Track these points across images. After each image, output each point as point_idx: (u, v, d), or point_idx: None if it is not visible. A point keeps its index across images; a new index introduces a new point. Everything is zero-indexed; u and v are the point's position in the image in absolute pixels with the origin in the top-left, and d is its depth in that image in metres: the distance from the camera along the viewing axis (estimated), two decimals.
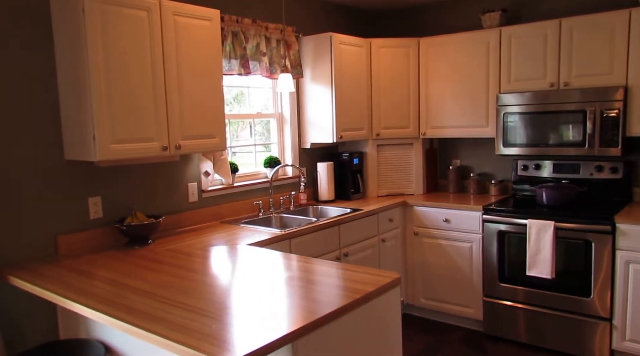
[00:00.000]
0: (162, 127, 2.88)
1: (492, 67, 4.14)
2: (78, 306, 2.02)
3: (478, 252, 4.03)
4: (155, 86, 2.83)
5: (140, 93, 2.76)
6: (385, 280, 2.16)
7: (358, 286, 2.09)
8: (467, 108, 4.32)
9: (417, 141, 4.62)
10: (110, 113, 2.62)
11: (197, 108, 3.07)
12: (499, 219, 3.88)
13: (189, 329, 1.72)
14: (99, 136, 2.58)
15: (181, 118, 2.98)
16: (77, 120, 2.68)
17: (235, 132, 4.07)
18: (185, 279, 2.28)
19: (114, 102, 2.64)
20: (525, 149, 4.01)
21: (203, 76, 3.09)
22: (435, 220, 4.23)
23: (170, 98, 2.91)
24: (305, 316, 1.80)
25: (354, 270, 2.33)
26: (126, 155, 2.71)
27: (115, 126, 2.65)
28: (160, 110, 2.86)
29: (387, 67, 4.49)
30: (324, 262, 2.49)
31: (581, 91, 3.71)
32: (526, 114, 3.96)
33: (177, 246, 2.92)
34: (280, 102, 4.34)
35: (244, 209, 3.91)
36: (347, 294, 2.00)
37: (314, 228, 3.45)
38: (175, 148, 2.95)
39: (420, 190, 4.66)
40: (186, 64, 2.99)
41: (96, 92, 2.56)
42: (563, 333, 3.66)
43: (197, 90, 3.06)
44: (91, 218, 2.96)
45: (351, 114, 4.34)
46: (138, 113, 2.75)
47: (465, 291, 4.15)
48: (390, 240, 4.24)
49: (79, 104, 2.64)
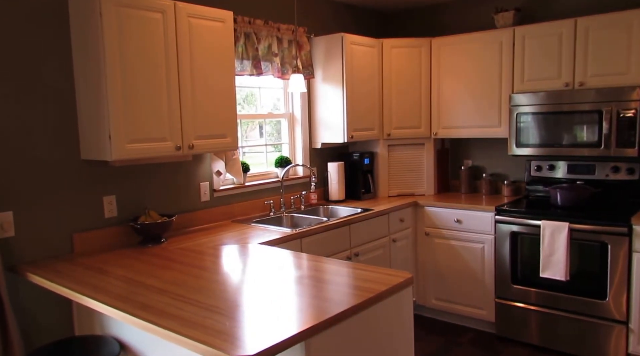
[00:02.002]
0: (176, 127, 2.95)
1: (505, 67, 4.18)
2: (95, 302, 2.09)
3: (490, 253, 4.07)
4: (169, 87, 2.91)
5: (154, 94, 2.83)
6: (398, 280, 2.21)
7: (370, 286, 2.15)
8: (479, 108, 4.35)
9: (428, 141, 4.67)
10: (125, 113, 2.70)
11: (210, 108, 3.14)
12: (512, 220, 3.91)
13: (203, 326, 1.78)
14: (115, 136, 2.66)
15: (194, 118, 3.05)
16: (93, 120, 2.76)
17: (244, 133, 4.13)
18: (198, 278, 2.34)
19: (129, 103, 2.72)
20: (538, 150, 4.04)
21: (216, 76, 3.16)
22: (446, 220, 4.28)
23: (184, 99, 2.99)
24: (317, 315, 1.85)
25: (366, 269, 2.38)
26: (141, 154, 2.78)
27: (130, 126, 2.73)
28: (174, 110, 2.93)
29: (399, 67, 4.53)
30: (336, 261, 2.55)
31: (597, 91, 3.73)
32: (540, 114, 3.99)
33: (189, 245, 2.99)
34: (292, 102, 4.41)
35: (255, 208, 3.97)
36: (359, 294, 2.06)
37: (325, 228, 3.51)
38: (188, 148, 3.02)
39: (431, 190, 4.71)
40: (199, 65, 3.06)
41: (112, 92, 2.64)
42: (577, 336, 3.69)
43: (210, 91, 3.14)
44: (106, 216, 3.04)
45: (362, 114, 4.39)
46: (152, 113, 2.83)
47: (476, 293, 4.18)
48: (401, 240, 4.29)
49: (96, 105, 2.72)
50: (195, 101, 3.05)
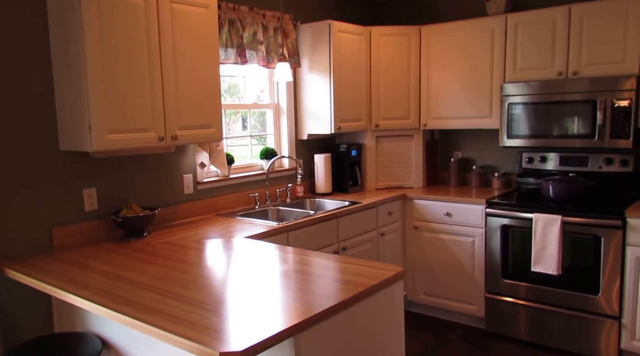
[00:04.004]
0: (159, 117, 2.95)
1: (497, 55, 4.22)
2: (76, 298, 2.09)
3: (480, 247, 4.12)
4: (152, 75, 2.90)
5: (136, 82, 2.83)
6: (389, 274, 2.24)
7: (361, 280, 2.17)
8: (470, 98, 4.39)
9: (417, 132, 4.70)
10: (106, 102, 2.69)
11: (194, 98, 3.14)
12: (503, 213, 3.96)
13: (189, 321, 1.80)
14: (95, 126, 2.65)
15: (177, 108, 3.05)
16: (72, 110, 2.74)
17: (227, 125, 4.14)
18: (183, 272, 2.35)
19: (110, 91, 2.71)
20: (530, 141, 4.08)
21: (200, 64, 3.16)
22: (436, 214, 4.32)
23: (167, 87, 2.98)
24: (306, 310, 1.88)
25: (355, 263, 2.41)
26: (122, 145, 2.78)
27: (111, 115, 2.72)
28: (156, 100, 2.93)
29: (388, 56, 4.56)
30: (325, 255, 2.58)
31: (591, 80, 3.78)
32: (532, 105, 4.03)
33: (173, 239, 3.00)
34: (277, 92, 4.41)
35: (240, 201, 3.98)
36: (349, 288, 2.08)
37: (312, 221, 3.53)
38: (171, 138, 3.02)
39: (420, 183, 4.75)
40: (182, 52, 3.06)
41: (92, 81, 2.62)
42: (568, 332, 3.75)
43: (194, 79, 3.13)
44: (86, 209, 3.04)
45: (350, 105, 4.42)
46: (134, 103, 2.82)
47: (466, 288, 4.24)
48: (390, 234, 4.33)
49: (75, 94, 2.70)
50: (178, 90, 3.05)
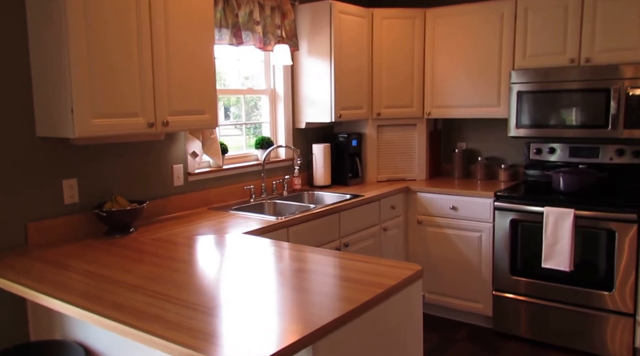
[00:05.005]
0: (148, 101, 2.70)
1: (506, 41, 4.03)
2: (57, 302, 1.86)
3: (488, 242, 3.94)
4: (142, 54, 2.65)
5: (124, 62, 2.57)
6: (407, 273, 2.04)
7: (379, 280, 1.96)
8: (476, 86, 4.20)
9: (420, 121, 4.50)
10: (90, 84, 2.44)
11: (187, 80, 2.90)
12: (512, 206, 3.79)
13: (190, 328, 1.58)
14: (79, 109, 2.40)
15: (169, 92, 2.81)
16: (52, 92, 2.48)
17: None
18: (177, 272, 2.13)
19: (95, 72, 2.45)
20: (539, 131, 3.92)
21: (193, 44, 2.91)
22: (440, 208, 4.13)
23: (158, 68, 2.73)
24: (324, 314, 1.66)
25: (372, 262, 2.20)
26: (108, 131, 2.53)
27: (96, 98, 2.47)
28: (146, 82, 2.68)
29: (390, 40, 4.35)
30: (336, 253, 2.36)
31: (605, 68, 3.62)
32: (542, 93, 3.86)
33: (163, 235, 2.76)
34: (273, 77, 4.18)
35: (234, 194, 3.75)
36: (368, 289, 1.87)
37: (313, 216, 3.32)
38: (162, 125, 2.77)
39: (422, 175, 4.55)
40: (175, 30, 2.81)
41: (75, 58, 2.37)
42: (580, 330, 3.60)
43: (187, 60, 2.89)
44: (66, 202, 2.78)
45: (351, 91, 4.20)
46: (122, 85, 2.57)
47: (473, 285, 4.06)
48: (392, 229, 4.13)
49: (56, 74, 2.44)
50: (170, 72, 2.80)
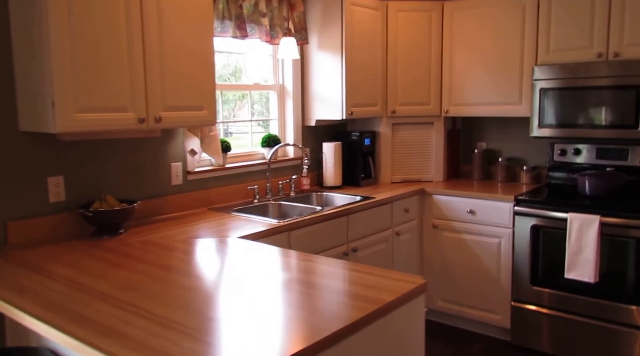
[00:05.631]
0: (139, 94, 2.52)
1: (529, 34, 3.76)
2: (16, 311, 1.68)
3: (507, 249, 3.69)
4: (132, 45, 2.46)
5: (112, 53, 2.39)
6: (408, 286, 1.81)
7: (375, 294, 1.74)
8: (497, 83, 3.94)
9: (438, 119, 4.26)
10: (74, 75, 2.26)
11: (183, 73, 2.71)
12: (534, 211, 3.53)
13: (154, 350, 1.38)
14: (60, 103, 2.22)
15: (163, 85, 2.62)
16: (34, 84, 2.32)
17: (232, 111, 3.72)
18: (158, 280, 1.94)
19: (78, 62, 2.27)
20: (563, 131, 3.65)
21: (190, 35, 2.72)
22: (457, 211, 3.88)
23: (150, 59, 2.55)
24: (308, 335, 1.45)
25: (369, 272, 1.98)
26: (93, 127, 2.35)
27: (80, 90, 2.29)
28: (137, 74, 2.50)
29: (406, 34, 4.11)
30: (333, 262, 2.15)
31: (635, 63, 3.34)
32: (567, 90, 3.59)
33: (153, 237, 2.58)
34: (282, 72, 3.98)
35: (237, 194, 3.56)
36: (361, 305, 1.65)
37: (318, 219, 3.11)
38: (154, 121, 2.59)
39: (440, 176, 4.31)
40: (169, 21, 2.62)
41: (57, 49, 2.19)
42: (605, 347, 3.32)
43: (183, 51, 2.70)
44: (51, 201, 2.62)
45: (364, 88, 3.98)
46: (109, 77, 2.39)
47: (490, 295, 3.80)
48: (406, 233, 3.90)
49: (36, 63, 2.28)
50: (164, 63, 2.62)
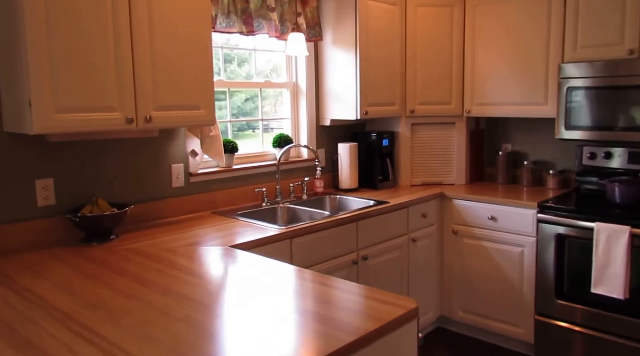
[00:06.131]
0: (128, 93, 2.36)
1: (555, 30, 3.47)
2: None
3: (531, 259, 3.42)
4: (119, 39, 2.30)
5: (97, 48, 2.24)
6: (396, 311, 1.60)
7: (355, 321, 1.53)
8: (521, 81, 3.66)
9: (460, 120, 4.00)
10: (53, 72, 2.11)
11: (177, 70, 2.53)
12: (559, 219, 3.25)
13: None
14: (38, 102, 2.08)
15: (154, 82, 2.45)
16: (14, 82, 2.18)
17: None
18: (130, 298, 1.77)
19: (58, 58, 2.12)
20: (593, 133, 3.35)
21: (185, 26, 2.54)
22: (478, 217, 3.63)
23: (139, 54, 2.38)
24: None
25: (353, 292, 1.77)
26: (76, 128, 2.21)
27: (60, 89, 2.14)
28: (124, 70, 2.34)
29: (426, 30, 3.86)
30: (315, 276, 1.94)
31: None
32: (596, 89, 3.29)
33: (142, 245, 2.43)
34: (295, 69, 3.79)
35: (245, 197, 3.39)
36: (335, 335, 1.45)
37: (324, 225, 2.91)
38: (144, 121, 2.43)
39: (462, 180, 4.05)
40: (161, 10, 2.44)
41: (32, 41, 2.04)
42: None
43: (177, 45, 2.52)
44: (39, 205, 2.49)
45: (380, 86, 3.75)
46: (94, 73, 2.24)
47: (513, 307, 3.54)
48: (423, 240, 3.66)
49: (12, 59, 2.14)
50: (155, 60, 2.45)
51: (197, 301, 1.71)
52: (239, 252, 2.30)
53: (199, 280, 1.93)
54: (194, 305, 1.68)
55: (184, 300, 1.73)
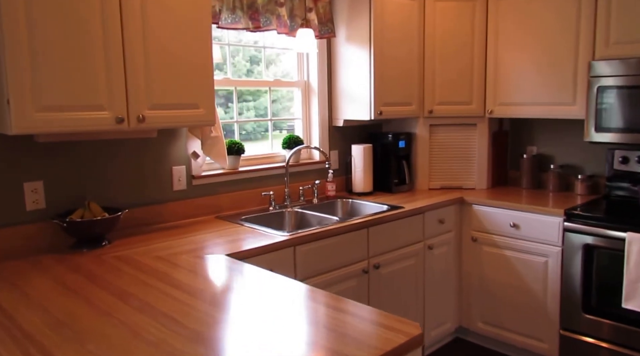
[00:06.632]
0: (118, 90, 2.19)
1: (585, 25, 3.21)
2: None
3: (555, 270, 3.17)
4: (108, 33, 2.14)
5: (83, 42, 2.08)
6: (397, 340, 1.40)
7: (347, 350, 1.34)
8: (548, 80, 3.41)
9: (481, 120, 3.76)
10: (34, 68, 1.96)
11: (174, 66, 2.36)
12: (586, 228, 2.99)
13: None
14: (16, 101, 1.93)
15: (147, 79, 2.28)
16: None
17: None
18: (103, 314, 1.59)
19: (40, 53, 1.97)
20: (625, 136, 3.08)
21: (182, 16, 2.37)
22: (499, 224, 3.39)
23: (131, 47, 2.21)
24: None
25: (350, 313, 1.56)
26: (60, 128, 2.05)
27: (43, 86, 1.99)
28: (114, 68, 2.17)
29: (446, 26, 3.63)
30: (312, 293, 1.74)
31: None
32: (629, 89, 3.02)
33: (133, 252, 2.26)
34: (307, 67, 3.60)
35: (252, 201, 3.21)
36: None
37: (332, 232, 2.71)
38: (137, 121, 2.26)
39: (483, 184, 3.81)
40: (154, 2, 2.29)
41: (10, 38, 1.89)
42: None
43: (173, 39, 2.35)
44: (28, 209, 2.34)
45: (396, 85, 3.53)
46: (80, 69, 2.08)
47: (536, 320, 3.29)
48: (440, 247, 3.44)
49: None
50: (148, 53, 2.28)
51: (178, 322, 1.53)
52: (235, 263, 2.12)
53: (185, 296, 1.75)
54: (173, 327, 1.50)
55: (163, 319, 1.55)
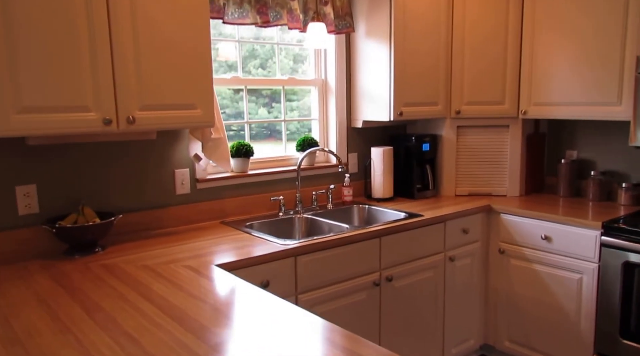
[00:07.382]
0: (105, 90, 2.11)
1: (633, 15, 2.96)
2: None
3: (590, 289, 2.94)
4: (94, 23, 2.05)
5: (67, 39, 2.00)
6: None
7: None
8: (589, 77, 3.17)
9: (514, 122, 3.55)
10: (12, 68, 1.90)
11: (168, 63, 2.27)
12: (627, 244, 2.75)
13: None
14: None
15: (139, 77, 2.20)
16: None
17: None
18: (63, 331, 1.51)
19: (20, 51, 1.90)
20: None
21: (177, 11, 2.27)
22: (530, 235, 3.18)
23: (120, 48, 2.13)
24: None
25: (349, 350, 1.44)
26: (43, 130, 1.98)
27: (23, 87, 1.92)
28: (101, 67, 2.10)
29: (476, 16, 3.43)
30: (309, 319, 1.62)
31: None
32: None
33: (122, 259, 2.18)
34: (324, 64, 3.47)
35: (262, 206, 3.11)
36: None
37: (339, 241, 2.57)
38: (126, 122, 2.18)
39: (515, 191, 3.60)
40: None
41: None
42: None
43: (167, 33, 2.26)
44: (20, 214, 2.30)
45: (420, 83, 3.36)
46: (63, 69, 2.00)
47: (568, 342, 3.07)
48: (463, 259, 3.25)
49: None
50: (140, 53, 2.19)
51: (137, 344, 1.43)
52: (224, 275, 2.02)
53: (155, 312, 1.65)
54: (129, 348, 1.39)
55: (122, 338, 1.45)
